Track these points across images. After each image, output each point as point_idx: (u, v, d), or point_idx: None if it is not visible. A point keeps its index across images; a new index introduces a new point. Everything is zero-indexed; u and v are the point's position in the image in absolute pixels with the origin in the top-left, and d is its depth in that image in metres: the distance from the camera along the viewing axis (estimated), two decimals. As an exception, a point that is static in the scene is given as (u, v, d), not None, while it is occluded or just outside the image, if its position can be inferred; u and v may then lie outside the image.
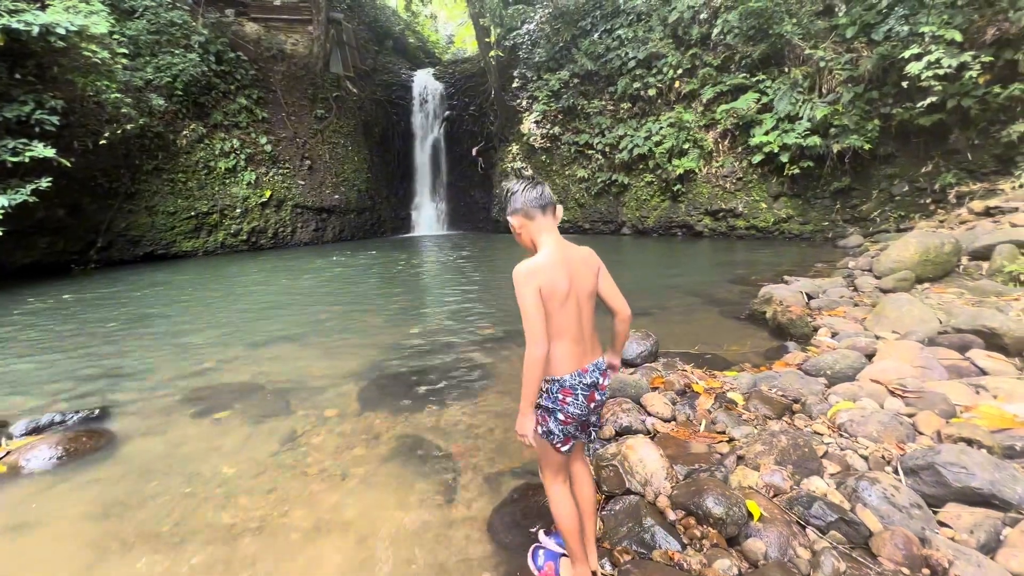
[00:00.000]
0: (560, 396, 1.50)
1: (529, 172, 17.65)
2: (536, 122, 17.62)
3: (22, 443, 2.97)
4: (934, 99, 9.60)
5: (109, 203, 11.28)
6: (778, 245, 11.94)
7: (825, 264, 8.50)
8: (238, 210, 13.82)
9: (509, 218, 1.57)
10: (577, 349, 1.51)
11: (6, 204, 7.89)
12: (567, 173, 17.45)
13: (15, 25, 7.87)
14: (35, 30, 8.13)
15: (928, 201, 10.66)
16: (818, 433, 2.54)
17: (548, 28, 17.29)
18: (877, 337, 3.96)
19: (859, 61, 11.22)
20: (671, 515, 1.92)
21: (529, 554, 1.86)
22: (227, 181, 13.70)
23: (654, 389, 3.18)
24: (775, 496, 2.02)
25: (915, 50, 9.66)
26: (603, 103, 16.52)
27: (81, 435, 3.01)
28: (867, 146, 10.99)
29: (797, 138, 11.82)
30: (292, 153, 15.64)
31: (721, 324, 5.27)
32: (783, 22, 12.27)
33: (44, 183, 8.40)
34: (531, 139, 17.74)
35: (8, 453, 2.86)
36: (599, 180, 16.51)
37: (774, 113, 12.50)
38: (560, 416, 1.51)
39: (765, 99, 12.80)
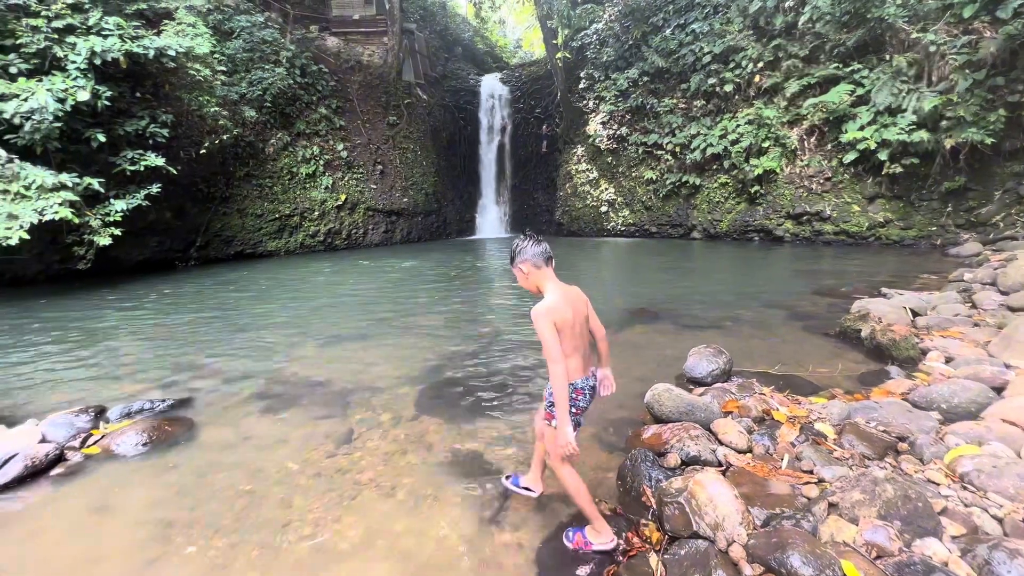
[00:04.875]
0: (573, 396, 1.97)
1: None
2: (602, 123, 17.22)
3: (116, 427, 3.25)
4: (1081, 83, 8.15)
5: (207, 206, 12.45)
6: (873, 253, 10.72)
7: (933, 276, 7.48)
8: (316, 213, 14.75)
9: (520, 266, 1.98)
10: (583, 361, 2.01)
11: (125, 208, 8.94)
12: (634, 175, 16.89)
13: (136, 49, 8.89)
14: (152, 53, 9.14)
15: (1070, 203, 9.09)
16: (933, 482, 2.14)
17: (617, 26, 16.85)
18: (1007, 366, 3.34)
19: (979, 44, 9.80)
20: (747, 569, 1.67)
21: (564, 537, 2.09)
22: (307, 186, 14.67)
23: (727, 414, 2.88)
24: (878, 558, 1.70)
25: (1056, 27, 8.27)
26: (674, 101, 15.80)
27: (164, 423, 3.25)
28: (988, 140, 9.57)
29: (899, 133, 10.56)
30: (366, 159, 16.45)
31: (806, 341, 4.74)
32: (884, 5, 11.02)
33: (155, 189, 9.48)
34: (597, 140, 17.36)
35: (104, 436, 3.15)
36: (668, 181, 15.81)
37: (871, 106, 11.27)
38: (572, 409, 1.97)
39: (860, 91, 11.58)
